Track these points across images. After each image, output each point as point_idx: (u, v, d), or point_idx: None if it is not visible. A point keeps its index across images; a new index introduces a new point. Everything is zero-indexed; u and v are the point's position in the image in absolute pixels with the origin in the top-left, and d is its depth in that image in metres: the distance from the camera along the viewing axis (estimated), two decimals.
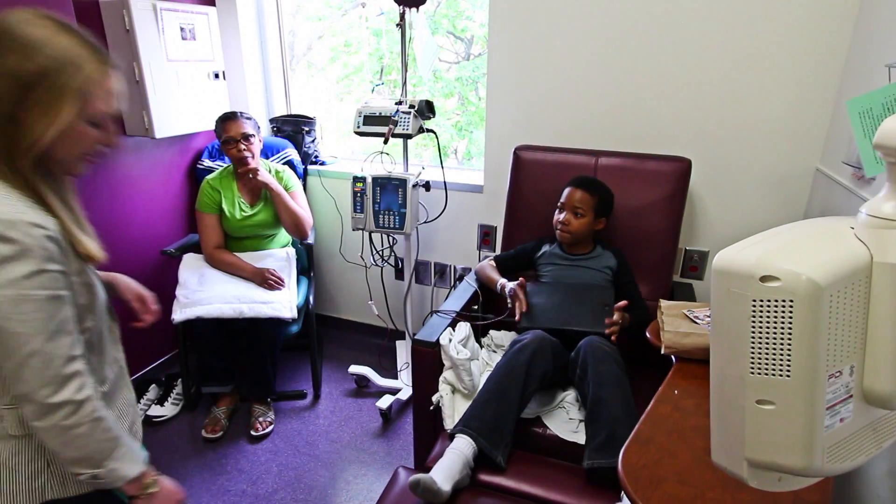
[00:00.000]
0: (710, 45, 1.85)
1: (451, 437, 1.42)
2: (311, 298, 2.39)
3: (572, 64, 2.04)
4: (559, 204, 1.80)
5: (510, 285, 1.75)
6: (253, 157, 2.13)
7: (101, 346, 0.98)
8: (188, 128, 2.30)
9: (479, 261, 2.37)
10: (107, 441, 0.89)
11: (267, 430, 2.18)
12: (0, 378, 0.86)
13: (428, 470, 1.32)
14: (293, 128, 2.65)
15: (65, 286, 0.85)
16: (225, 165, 2.30)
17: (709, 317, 1.39)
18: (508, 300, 1.75)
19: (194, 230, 2.44)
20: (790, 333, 0.58)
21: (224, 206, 2.18)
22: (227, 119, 2.13)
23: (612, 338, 1.58)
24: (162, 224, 2.45)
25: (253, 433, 2.16)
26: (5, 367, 0.82)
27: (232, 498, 1.88)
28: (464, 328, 1.71)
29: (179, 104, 2.23)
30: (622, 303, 1.63)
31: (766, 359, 0.60)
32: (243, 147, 2.10)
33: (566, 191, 1.79)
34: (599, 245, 1.85)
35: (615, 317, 1.60)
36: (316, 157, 2.72)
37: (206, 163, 2.50)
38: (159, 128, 2.15)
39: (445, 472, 1.30)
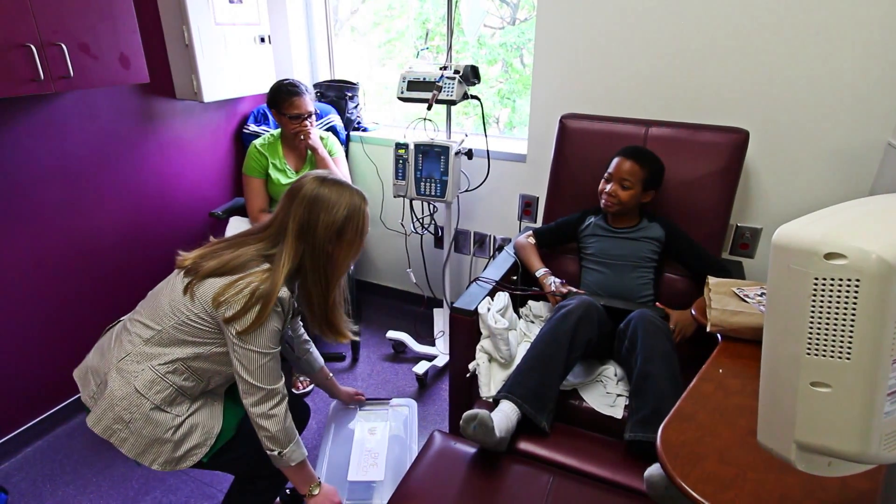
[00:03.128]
0: (773, 5, 1.73)
1: (495, 402, 1.44)
2: (351, 264, 2.42)
3: (623, 28, 1.95)
4: (606, 173, 1.74)
5: (553, 281, 1.74)
6: (311, 125, 2.16)
7: None
8: (235, 92, 2.33)
9: (520, 231, 2.34)
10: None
11: (307, 389, 2.26)
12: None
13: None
14: (336, 93, 2.65)
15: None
16: (271, 131, 2.33)
17: (759, 295, 1.34)
18: (548, 293, 1.74)
19: (240, 193, 2.50)
20: (853, 314, 0.55)
21: (270, 170, 2.22)
22: (293, 94, 2.09)
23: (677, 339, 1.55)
24: (210, 187, 2.52)
25: (294, 391, 2.24)
26: None
27: None
28: (502, 298, 1.70)
29: (227, 68, 2.25)
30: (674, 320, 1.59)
31: (825, 340, 0.57)
32: (308, 124, 2.13)
33: (615, 160, 1.73)
34: (646, 217, 1.79)
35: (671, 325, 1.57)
36: (358, 123, 2.72)
37: (252, 127, 2.53)
38: (207, 92, 2.18)
39: (497, 421, 1.32)
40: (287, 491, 1.73)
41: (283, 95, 2.10)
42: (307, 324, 1.33)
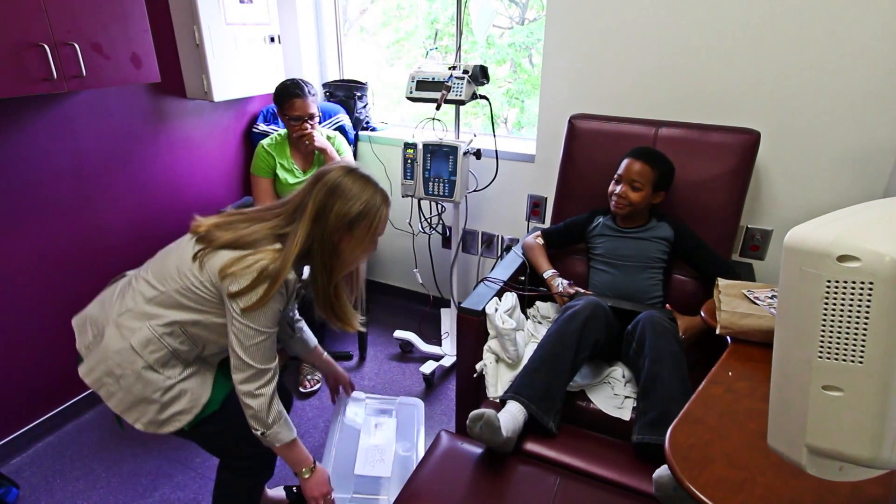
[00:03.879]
0: (785, 6, 1.71)
1: (502, 403, 1.43)
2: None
3: (633, 28, 1.94)
4: (616, 175, 1.73)
5: (561, 282, 1.73)
6: (313, 128, 2.16)
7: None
8: (244, 91, 2.34)
9: (528, 232, 2.34)
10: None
11: (314, 388, 2.27)
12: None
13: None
14: (345, 93, 2.66)
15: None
16: (279, 130, 2.34)
17: (770, 298, 1.33)
18: (555, 295, 1.74)
19: (249, 193, 2.51)
20: (867, 317, 0.54)
21: (278, 170, 2.23)
22: (295, 96, 2.09)
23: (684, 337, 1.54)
24: (219, 185, 2.54)
25: (301, 390, 2.25)
26: None
27: None
28: (510, 298, 1.70)
29: (237, 68, 2.27)
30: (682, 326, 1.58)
31: (838, 343, 0.56)
32: (308, 126, 2.13)
33: (625, 161, 1.72)
34: (654, 217, 1.78)
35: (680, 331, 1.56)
36: (367, 122, 2.72)
37: (262, 127, 2.55)
38: (217, 91, 2.20)
39: (503, 422, 1.31)
40: (294, 489, 1.74)
41: (284, 96, 2.11)
42: (312, 308, 1.32)
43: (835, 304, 0.56)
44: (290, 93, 2.09)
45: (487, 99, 2.07)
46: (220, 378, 1.31)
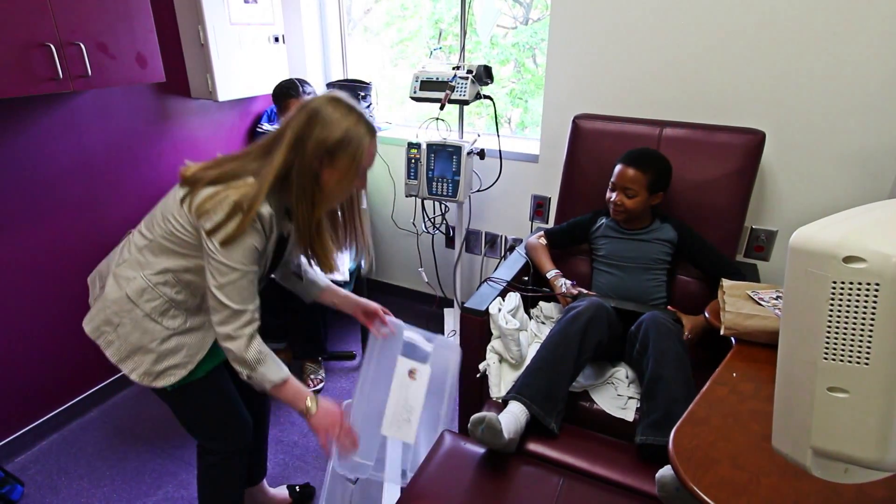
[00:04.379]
0: (790, 6, 1.71)
1: (504, 403, 1.43)
2: (362, 263, 2.43)
3: (638, 28, 1.93)
4: (611, 182, 1.72)
5: (564, 283, 1.73)
6: None
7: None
8: (249, 91, 2.35)
9: (531, 232, 2.34)
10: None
11: (318, 387, 2.28)
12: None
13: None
14: (349, 93, 2.64)
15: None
16: None
17: (774, 298, 1.33)
18: (558, 295, 1.74)
19: None
20: (872, 319, 0.54)
21: None
22: (290, 96, 2.11)
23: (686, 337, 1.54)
24: None
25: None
26: None
27: (284, 448, 1.98)
28: (514, 298, 1.70)
29: (241, 67, 2.27)
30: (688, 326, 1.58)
31: (843, 344, 0.56)
32: None
33: (617, 168, 1.70)
34: (658, 218, 1.78)
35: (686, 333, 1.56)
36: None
37: (266, 126, 2.55)
38: (222, 91, 2.20)
39: (505, 423, 1.31)
40: (297, 488, 1.74)
41: (281, 96, 2.13)
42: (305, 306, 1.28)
43: (840, 306, 0.55)
44: (286, 93, 2.12)
45: (491, 99, 2.07)
46: (214, 348, 1.27)
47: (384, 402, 1.41)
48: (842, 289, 0.55)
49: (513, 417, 1.35)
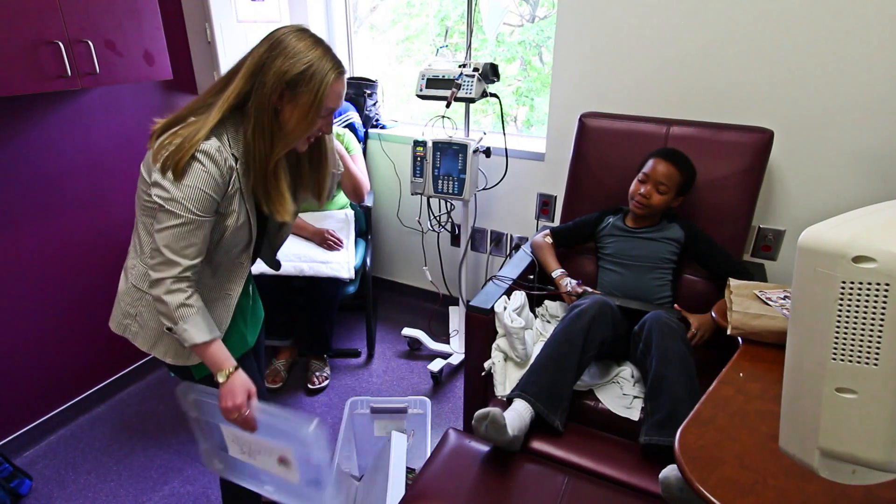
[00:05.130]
0: (799, 4, 1.69)
1: (509, 401, 1.43)
2: (368, 260, 2.44)
3: (645, 25, 1.92)
4: (642, 174, 1.70)
5: (569, 282, 1.73)
6: None
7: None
8: None
9: (537, 230, 2.33)
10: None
11: (323, 385, 2.28)
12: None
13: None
14: (355, 91, 2.67)
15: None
16: None
17: (782, 298, 1.32)
18: (563, 294, 1.73)
19: None
20: (882, 319, 0.54)
21: None
22: None
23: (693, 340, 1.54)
24: None
25: (310, 386, 2.26)
26: None
27: None
28: (519, 297, 1.70)
29: None
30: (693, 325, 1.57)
31: (852, 345, 0.56)
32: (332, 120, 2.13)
33: (650, 161, 1.69)
34: (665, 218, 1.77)
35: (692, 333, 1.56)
36: (377, 120, 2.73)
37: None
38: None
39: (509, 421, 1.31)
40: None
41: None
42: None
43: (849, 306, 0.55)
44: None
45: (497, 97, 2.07)
46: (238, 334, 1.26)
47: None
48: (851, 289, 0.54)
49: (517, 415, 1.35)
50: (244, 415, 1.12)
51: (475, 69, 1.97)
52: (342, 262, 2.18)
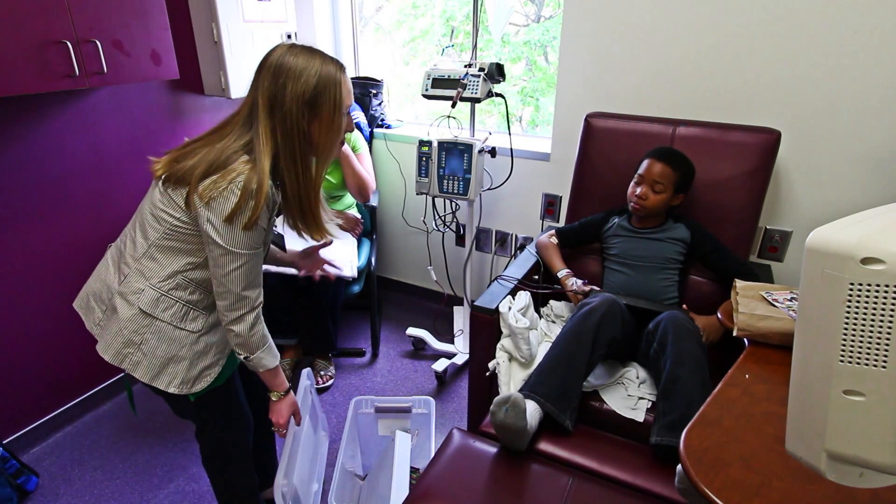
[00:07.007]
0: (807, 4, 1.68)
1: None
2: (372, 260, 2.44)
3: (651, 25, 1.92)
4: (637, 175, 1.71)
5: (575, 282, 1.73)
6: None
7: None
8: None
9: (542, 231, 2.33)
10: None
11: (327, 384, 2.29)
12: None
13: (482, 434, 1.34)
14: (361, 90, 2.67)
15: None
16: None
17: (788, 300, 1.31)
18: (570, 293, 1.73)
19: None
20: (890, 321, 0.53)
21: None
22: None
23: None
24: None
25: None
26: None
27: None
28: (524, 297, 1.70)
29: (254, 65, 2.27)
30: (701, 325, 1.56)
31: (860, 347, 0.55)
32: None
33: (645, 162, 1.70)
34: (671, 218, 1.76)
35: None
36: (382, 120, 2.73)
37: None
38: (235, 88, 2.21)
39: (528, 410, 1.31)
40: None
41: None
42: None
43: (857, 307, 0.54)
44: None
45: (503, 97, 2.06)
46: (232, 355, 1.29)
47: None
48: (859, 290, 0.54)
49: (528, 414, 1.34)
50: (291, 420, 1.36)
51: (481, 69, 1.97)
52: (346, 262, 2.19)
